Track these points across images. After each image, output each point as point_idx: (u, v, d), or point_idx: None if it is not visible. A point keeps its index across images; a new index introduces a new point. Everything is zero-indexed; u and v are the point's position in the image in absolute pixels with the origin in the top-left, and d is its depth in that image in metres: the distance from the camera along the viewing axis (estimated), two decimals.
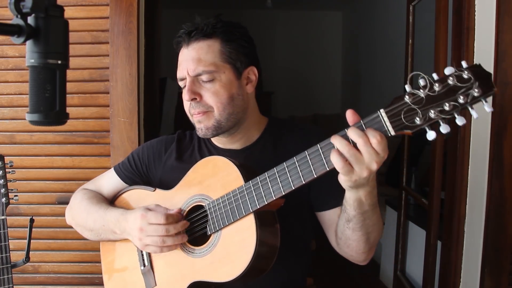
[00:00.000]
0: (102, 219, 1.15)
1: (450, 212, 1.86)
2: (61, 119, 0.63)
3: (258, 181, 0.93)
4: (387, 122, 0.78)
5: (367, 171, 0.80)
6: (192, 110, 1.09)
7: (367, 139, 0.78)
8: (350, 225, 0.96)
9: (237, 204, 0.95)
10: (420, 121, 0.74)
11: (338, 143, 0.80)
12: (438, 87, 0.72)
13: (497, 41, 1.67)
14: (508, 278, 1.73)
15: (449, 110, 0.73)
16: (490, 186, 1.72)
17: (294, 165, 0.87)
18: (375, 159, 0.78)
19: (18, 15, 0.59)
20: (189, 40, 1.07)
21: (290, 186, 0.88)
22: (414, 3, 2.48)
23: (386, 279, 3.01)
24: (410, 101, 0.75)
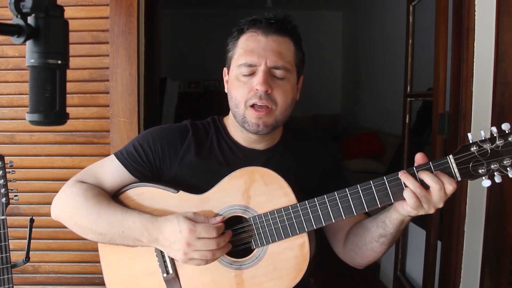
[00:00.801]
0: (121, 224, 1.02)
1: (450, 212, 1.86)
2: (61, 119, 0.63)
3: (316, 203, 0.96)
4: (455, 169, 0.87)
5: (434, 209, 0.89)
6: (255, 100, 1.01)
7: (442, 185, 0.86)
8: (381, 240, 1.01)
9: (290, 223, 0.97)
10: (482, 172, 0.85)
11: (412, 184, 0.87)
12: (500, 143, 0.84)
13: (497, 41, 1.67)
14: (508, 278, 1.73)
15: (507, 165, 0.84)
16: (490, 186, 1.72)
17: (358, 193, 0.93)
18: (443, 200, 0.88)
19: (18, 15, 0.59)
20: (269, 29, 1.03)
21: (351, 212, 0.93)
22: (414, 3, 2.48)
23: (386, 279, 3.01)
24: (477, 152, 0.85)
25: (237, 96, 1.04)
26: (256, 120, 1.03)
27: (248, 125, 1.04)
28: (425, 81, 2.62)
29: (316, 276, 1.46)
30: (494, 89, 1.69)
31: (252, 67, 1.03)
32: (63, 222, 1.13)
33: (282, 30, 1.05)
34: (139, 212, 1.04)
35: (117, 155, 1.12)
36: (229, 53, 1.09)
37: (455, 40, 1.82)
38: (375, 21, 5.44)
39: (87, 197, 1.06)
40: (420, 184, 0.87)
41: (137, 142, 1.12)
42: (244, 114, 1.04)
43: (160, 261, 1.06)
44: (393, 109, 4.01)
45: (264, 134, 1.06)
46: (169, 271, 1.06)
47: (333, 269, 3.16)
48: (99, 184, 1.13)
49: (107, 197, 1.09)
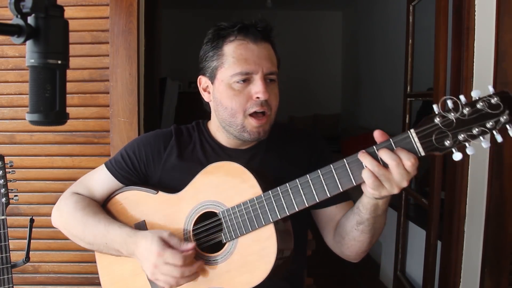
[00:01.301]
0: (104, 236, 1.08)
1: (450, 212, 1.86)
2: (61, 119, 0.63)
3: (279, 192, 0.93)
4: (417, 143, 0.80)
5: (397, 189, 0.83)
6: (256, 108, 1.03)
7: (400, 161, 0.80)
8: (360, 227, 0.97)
9: (255, 214, 0.95)
10: (449, 144, 0.77)
11: (369, 163, 0.82)
12: (467, 111, 0.75)
13: (497, 41, 1.67)
14: (508, 278, 1.73)
15: (477, 134, 0.75)
16: (490, 186, 1.72)
17: (319, 178, 0.88)
18: (406, 177, 0.81)
19: (18, 15, 0.59)
20: (257, 37, 1.05)
21: (314, 199, 0.89)
22: (414, 3, 2.48)
23: (386, 279, 3.01)
24: (440, 123, 0.77)
25: (233, 105, 1.04)
26: (257, 129, 1.05)
27: (249, 134, 1.05)
28: (425, 81, 2.62)
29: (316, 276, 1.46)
30: (494, 89, 1.69)
31: (248, 75, 1.03)
32: (60, 230, 1.21)
33: (267, 36, 1.07)
34: (120, 225, 1.08)
35: (107, 164, 1.18)
36: (212, 62, 1.08)
37: (455, 40, 1.82)
38: (375, 21, 5.44)
39: (77, 209, 1.13)
40: (379, 162, 0.82)
41: (124, 151, 1.17)
42: (243, 124, 1.05)
43: None
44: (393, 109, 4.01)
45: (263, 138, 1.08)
46: None
47: (333, 269, 3.16)
48: (90, 193, 1.19)
49: (94, 208, 1.15)
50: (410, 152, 0.80)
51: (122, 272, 1.15)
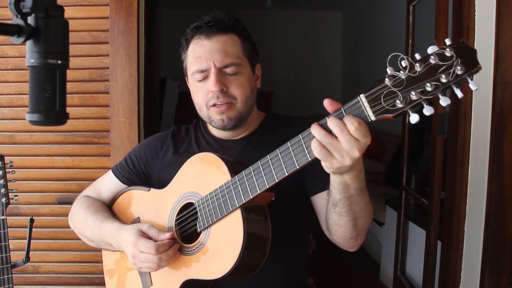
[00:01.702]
0: (99, 232, 1.15)
1: (450, 212, 1.86)
2: (61, 119, 0.63)
3: (244, 175, 0.91)
4: (367, 107, 0.75)
5: (349, 159, 0.77)
6: (214, 101, 1.07)
7: (344, 126, 0.76)
8: (336, 210, 0.94)
9: (224, 200, 0.94)
10: (401, 104, 0.71)
11: (316, 132, 0.78)
12: (419, 67, 0.68)
13: (497, 41, 1.67)
14: (508, 278, 1.73)
15: (431, 91, 0.68)
16: (490, 186, 1.72)
17: (277, 157, 0.85)
18: (356, 146, 0.76)
19: (18, 15, 0.59)
20: (211, 32, 1.08)
21: (273, 178, 0.86)
22: (414, 3, 2.48)
23: (386, 279, 3.01)
24: (390, 83, 0.71)
25: (197, 100, 1.12)
26: (220, 116, 1.09)
27: (215, 122, 1.11)
28: None
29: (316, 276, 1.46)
30: (494, 89, 1.69)
31: (203, 72, 1.08)
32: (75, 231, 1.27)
33: (223, 28, 1.09)
34: (112, 221, 1.15)
35: (113, 168, 1.29)
36: (184, 63, 1.16)
37: (455, 40, 1.82)
38: (375, 21, 5.44)
39: (81, 208, 1.23)
40: (326, 131, 0.77)
41: (128, 155, 1.28)
42: (208, 115, 1.11)
43: None
44: None
45: (231, 127, 1.11)
46: None
47: (333, 269, 3.16)
48: (99, 195, 1.29)
49: (96, 207, 1.23)
50: (355, 117, 0.75)
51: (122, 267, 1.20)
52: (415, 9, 2.50)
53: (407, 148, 2.69)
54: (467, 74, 0.68)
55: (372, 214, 1.00)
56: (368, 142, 0.78)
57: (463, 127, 1.77)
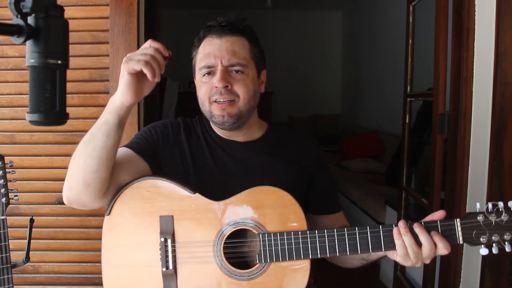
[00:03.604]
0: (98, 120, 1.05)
1: (450, 212, 1.86)
2: (61, 119, 0.63)
3: (325, 234, 1.01)
4: (459, 232, 0.94)
5: (421, 264, 0.96)
6: (217, 96, 1.11)
7: (434, 246, 0.94)
8: (362, 261, 1.10)
9: (296, 247, 1.02)
10: (483, 240, 0.92)
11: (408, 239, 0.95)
12: (505, 217, 0.92)
13: (497, 41, 1.67)
14: (508, 278, 1.73)
15: (507, 240, 0.91)
16: (490, 186, 1.72)
17: (366, 234, 0.99)
18: (431, 257, 0.95)
19: (18, 15, 0.59)
20: (222, 32, 1.13)
21: (357, 250, 0.99)
22: (414, 3, 2.48)
23: (386, 279, 3.01)
24: (482, 222, 0.93)
25: (201, 95, 1.15)
26: (221, 112, 1.12)
27: (215, 118, 1.13)
28: (425, 81, 2.62)
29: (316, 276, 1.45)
30: (494, 89, 1.69)
31: (211, 68, 1.12)
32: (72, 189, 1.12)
33: (235, 30, 1.14)
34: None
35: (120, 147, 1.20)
36: (193, 60, 1.20)
37: (455, 40, 1.82)
38: (375, 21, 5.44)
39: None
40: (414, 239, 0.95)
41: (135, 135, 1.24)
42: (210, 110, 1.14)
43: (162, 254, 1.07)
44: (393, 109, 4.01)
45: (230, 124, 1.13)
46: (169, 266, 1.07)
47: (333, 269, 3.16)
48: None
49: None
50: (447, 242, 0.94)
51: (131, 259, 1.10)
52: (415, 9, 2.50)
53: (407, 148, 2.69)
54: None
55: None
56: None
57: (463, 127, 1.77)
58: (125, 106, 1.00)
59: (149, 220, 1.09)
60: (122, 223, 1.10)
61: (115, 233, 1.11)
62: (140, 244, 1.09)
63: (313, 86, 6.84)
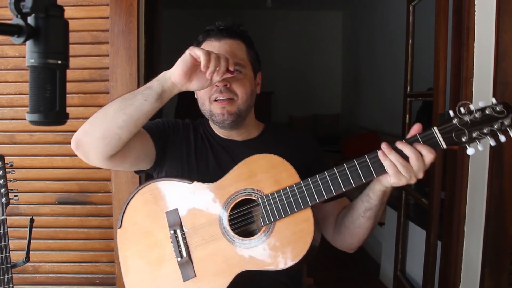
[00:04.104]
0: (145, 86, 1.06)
1: (450, 212, 1.86)
2: (61, 119, 0.63)
3: (318, 179, 1.03)
4: (440, 138, 0.96)
5: (414, 179, 0.96)
6: (217, 95, 1.15)
7: (420, 155, 0.95)
8: (367, 214, 1.08)
9: (294, 199, 1.03)
10: (465, 139, 0.95)
11: (393, 156, 0.96)
12: (478, 115, 0.94)
13: (497, 41, 1.67)
14: (508, 278, 1.73)
15: (486, 133, 0.94)
16: (490, 186, 1.72)
17: (355, 166, 1.00)
18: (423, 169, 0.96)
19: (18, 15, 0.59)
20: (221, 35, 1.19)
21: (350, 183, 1.00)
22: (414, 3, 2.48)
23: (386, 279, 3.01)
24: (458, 123, 0.95)
25: (201, 95, 1.19)
26: (221, 110, 1.16)
27: (215, 116, 1.17)
28: (425, 81, 2.62)
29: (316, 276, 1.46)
30: (494, 89, 1.69)
31: None
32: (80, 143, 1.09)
33: (232, 34, 1.20)
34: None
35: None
36: None
37: (455, 40, 1.82)
38: (375, 21, 5.44)
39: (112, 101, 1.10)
40: (400, 155, 0.96)
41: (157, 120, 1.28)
42: (210, 109, 1.18)
43: (175, 245, 1.11)
44: (393, 109, 4.01)
45: (230, 123, 1.17)
46: (183, 254, 1.10)
47: (333, 269, 3.16)
48: None
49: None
50: (431, 148, 0.95)
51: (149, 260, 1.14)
52: (415, 9, 2.50)
53: None
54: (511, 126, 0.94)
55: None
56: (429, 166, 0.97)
57: None
58: (171, 81, 1.04)
59: (157, 219, 1.14)
60: (134, 231, 1.17)
61: (129, 242, 1.17)
62: (154, 244, 1.14)
63: (313, 86, 6.84)
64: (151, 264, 1.14)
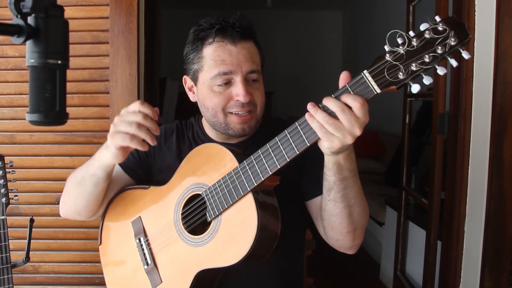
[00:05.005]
0: (85, 165, 1.11)
1: (450, 212, 1.86)
2: (61, 119, 0.63)
3: (252, 159, 0.92)
4: (371, 82, 0.80)
5: (350, 137, 0.81)
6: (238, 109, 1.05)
7: (344, 106, 0.80)
8: (331, 196, 0.94)
9: (234, 186, 0.94)
10: (403, 76, 0.78)
11: (318, 114, 0.82)
12: (416, 42, 0.76)
13: (497, 41, 1.67)
14: (508, 278, 1.73)
15: (430, 62, 0.75)
16: (490, 186, 1.72)
17: (286, 137, 0.87)
18: (357, 124, 0.80)
19: (18, 15, 0.59)
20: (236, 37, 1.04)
21: (284, 158, 0.88)
22: (414, 3, 2.48)
23: (386, 279, 3.01)
24: (391, 58, 0.78)
25: (212, 105, 1.06)
26: (242, 125, 1.06)
27: (233, 131, 1.07)
28: None
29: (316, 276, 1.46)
30: (494, 89, 1.69)
31: (227, 75, 1.04)
32: (65, 213, 1.20)
33: (247, 35, 1.06)
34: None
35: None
36: (193, 65, 1.10)
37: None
38: (375, 21, 5.44)
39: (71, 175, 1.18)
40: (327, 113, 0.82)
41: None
42: (225, 121, 1.07)
43: (140, 254, 1.12)
44: (393, 109, 4.01)
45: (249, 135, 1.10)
46: (148, 262, 1.10)
47: (333, 269, 3.16)
48: None
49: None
50: (357, 95, 0.81)
51: (124, 272, 1.17)
52: (415, 9, 2.50)
53: (407, 148, 2.69)
54: (460, 44, 0.75)
55: (367, 208, 1.02)
56: (367, 120, 0.82)
57: (463, 127, 1.77)
58: (113, 163, 1.03)
59: (126, 230, 1.17)
60: (111, 245, 1.19)
61: (108, 256, 1.21)
62: (127, 255, 1.16)
63: (313, 86, 6.83)
64: (126, 277, 1.16)
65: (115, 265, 1.19)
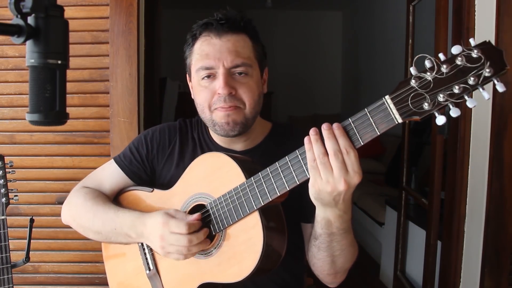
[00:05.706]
0: (113, 221, 1.07)
1: (450, 212, 1.86)
2: (61, 119, 0.63)
3: (261, 177, 0.89)
4: (393, 109, 0.73)
5: (330, 186, 0.77)
6: (220, 104, 1.00)
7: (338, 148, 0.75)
8: (316, 243, 0.94)
9: (240, 202, 0.92)
10: (428, 107, 0.69)
11: (316, 146, 0.78)
12: (446, 69, 0.67)
13: (497, 41, 1.67)
14: (508, 278, 1.73)
15: (459, 93, 0.67)
16: (490, 186, 1.72)
17: (297, 158, 0.83)
18: (343, 175, 0.75)
19: (18, 15, 0.59)
20: (221, 30, 1.01)
21: (294, 181, 0.84)
22: (414, 3, 2.48)
23: (386, 279, 3.01)
24: (416, 85, 0.70)
25: (200, 101, 1.05)
26: (225, 119, 1.01)
27: (218, 126, 1.03)
28: None
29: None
30: (494, 89, 1.68)
31: (209, 69, 1.02)
32: (70, 225, 1.19)
33: (235, 28, 1.02)
34: (129, 210, 1.09)
35: (115, 158, 1.19)
36: (187, 60, 1.10)
37: (455, 40, 1.82)
38: (375, 21, 5.44)
39: (86, 199, 1.13)
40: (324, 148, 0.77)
41: (132, 145, 1.19)
42: (211, 118, 1.04)
43: (143, 258, 1.11)
44: None
45: (235, 134, 1.04)
46: (150, 267, 1.10)
47: None
48: (99, 187, 1.19)
49: (104, 198, 1.15)
50: (350, 141, 0.75)
51: (125, 273, 1.16)
52: (415, 9, 2.50)
53: (407, 148, 2.69)
54: (495, 76, 0.66)
55: (355, 255, 0.99)
56: (356, 180, 0.76)
57: (463, 127, 1.77)
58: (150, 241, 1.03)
59: None
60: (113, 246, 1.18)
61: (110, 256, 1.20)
62: (128, 256, 1.15)
63: (313, 86, 6.83)
64: (128, 277, 1.15)
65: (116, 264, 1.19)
